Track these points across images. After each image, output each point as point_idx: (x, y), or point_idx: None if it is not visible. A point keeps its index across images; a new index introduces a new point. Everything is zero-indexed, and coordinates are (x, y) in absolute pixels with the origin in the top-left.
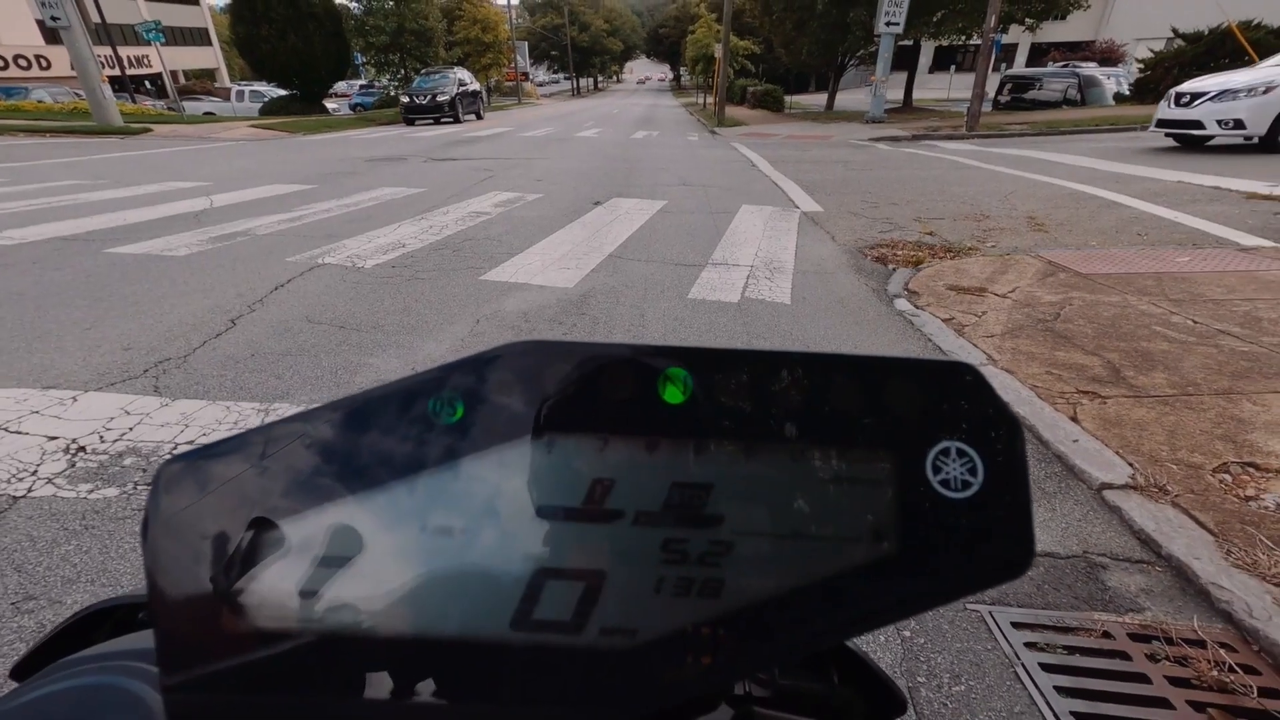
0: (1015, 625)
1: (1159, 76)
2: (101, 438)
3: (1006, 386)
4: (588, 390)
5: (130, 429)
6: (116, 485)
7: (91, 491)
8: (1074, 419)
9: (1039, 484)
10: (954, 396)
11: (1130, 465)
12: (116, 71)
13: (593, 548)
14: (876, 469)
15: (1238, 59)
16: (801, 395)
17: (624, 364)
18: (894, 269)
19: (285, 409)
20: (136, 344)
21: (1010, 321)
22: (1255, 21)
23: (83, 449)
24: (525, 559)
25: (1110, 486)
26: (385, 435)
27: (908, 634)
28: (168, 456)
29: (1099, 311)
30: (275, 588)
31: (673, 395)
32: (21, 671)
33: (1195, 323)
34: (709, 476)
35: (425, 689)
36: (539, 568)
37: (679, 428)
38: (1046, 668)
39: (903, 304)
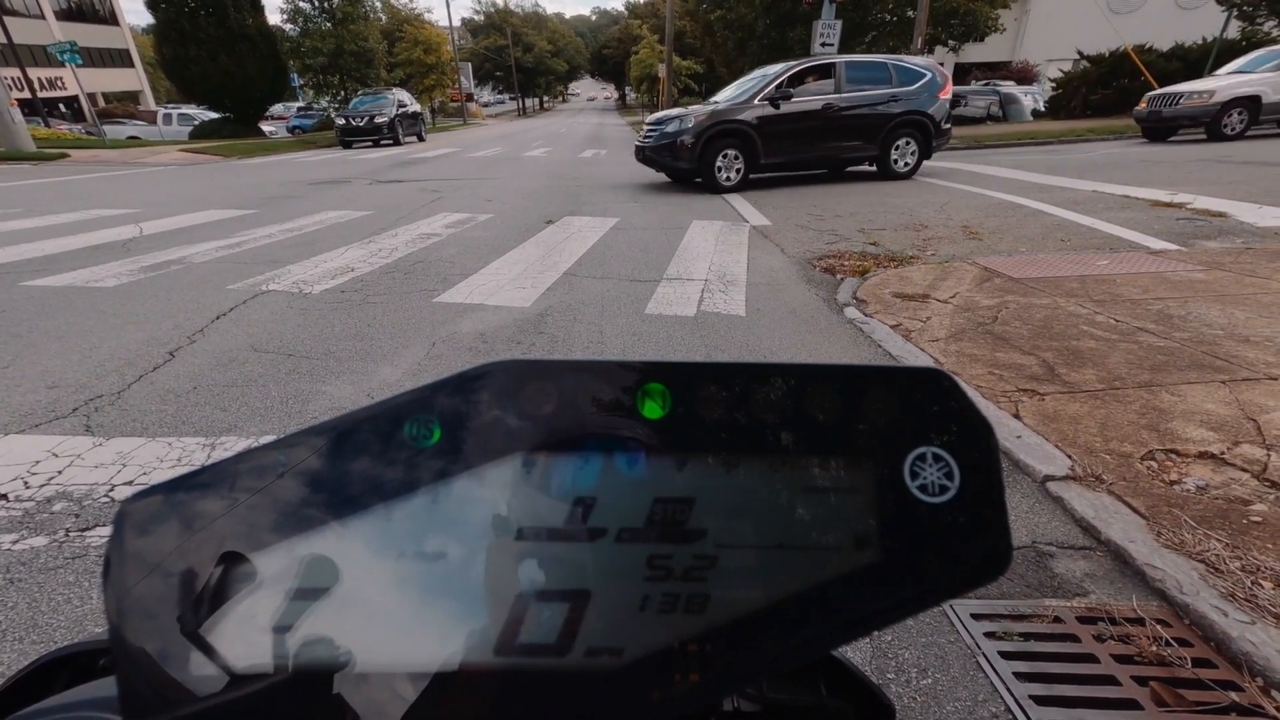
0: (975, 616)
1: (1069, 94)
2: (26, 483)
3: None
4: (566, 408)
5: (59, 472)
6: (45, 533)
7: (16, 542)
8: (1016, 416)
9: None
10: (928, 403)
11: (1069, 457)
12: (27, 94)
13: (576, 567)
14: (856, 477)
15: (1135, 79)
16: (779, 406)
17: (601, 381)
18: (842, 279)
19: (233, 442)
20: (63, 381)
21: (953, 325)
22: (1148, 45)
23: (4, 496)
24: (508, 582)
25: (1052, 478)
26: (360, 462)
27: (875, 632)
28: (131, 493)
29: (1032, 314)
30: (247, 625)
31: (651, 410)
32: None
33: (1117, 321)
34: (690, 491)
35: None
36: (522, 590)
37: (659, 443)
38: (1005, 655)
39: (852, 312)
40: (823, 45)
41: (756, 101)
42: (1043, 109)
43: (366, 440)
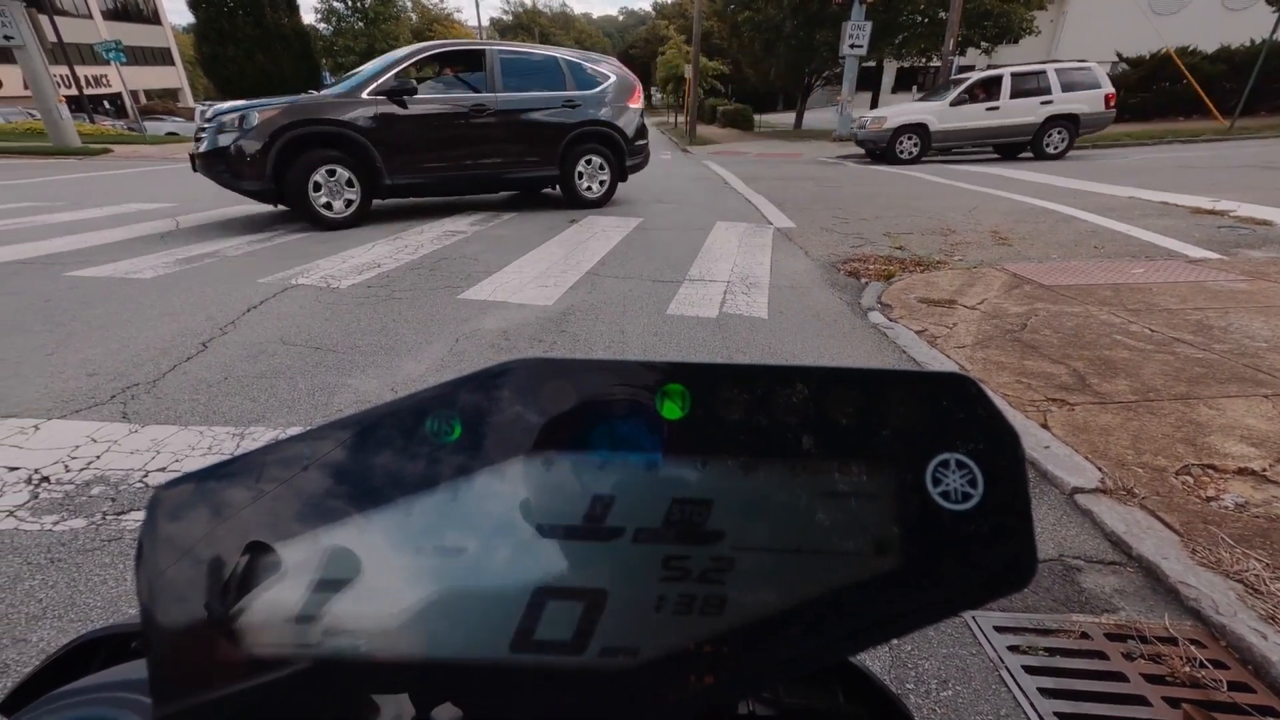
0: (998, 629)
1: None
2: (66, 467)
3: None
4: (586, 407)
5: (97, 457)
6: (84, 516)
7: (57, 523)
8: (1044, 426)
9: None
10: (953, 408)
11: (1099, 470)
12: (74, 91)
13: (593, 566)
14: (877, 482)
15: (1176, 81)
16: (800, 409)
17: (622, 381)
18: (866, 283)
19: (261, 432)
20: (102, 369)
21: (980, 332)
22: (1191, 48)
23: (46, 479)
24: (525, 579)
25: (1081, 490)
26: (383, 456)
27: (895, 641)
28: (164, 481)
29: (1063, 322)
30: (272, 613)
31: (671, 411)
32: (10, 706)
33: (1152, 331)
34: (709, 492)
35: (425, 713)
36: (539, 587)
37: (678, 443)
38: (1030, 670)
39: (876, 317)
40: (852, 47)
41: (367, 95)
42: None
43: (389, 435)
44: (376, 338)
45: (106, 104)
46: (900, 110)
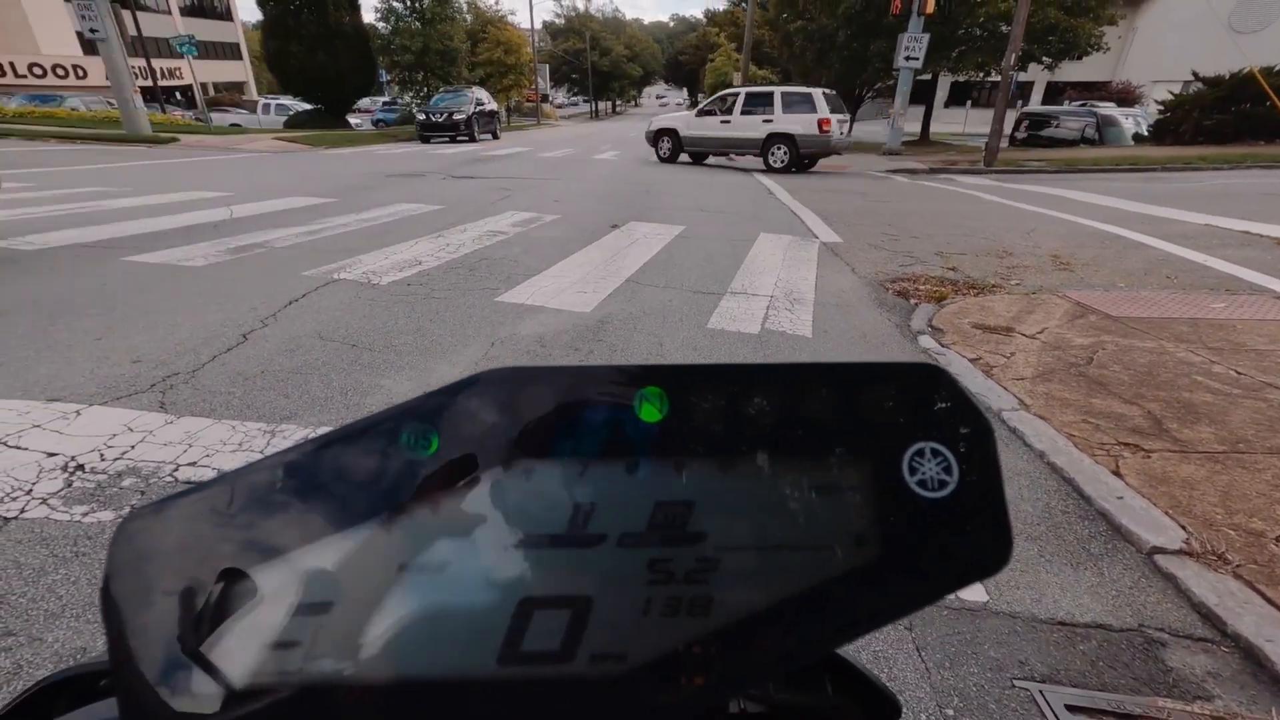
0: (1070, 709)
1: (1179, 119)
2: (102, 455)
3: (1041, 434)
4: (564, 415)
5: (132, 447)
6: (113, 508)
7: (86, 514)
8: (1116, 473)
9: (1083, 543)
10: (925, 398)
11: (1183, 528)
12: (149, 83)
13: (578, 573)
14: (855, 474)
15: (1259, 103)
16: (776, 407)
17: (599, 386)
18: (916, 304)
19: (292, 430)
20: (146, 356)
21: (1040, 364)
22: (1277, 68)
23: (81, 467)
24: (510, 590)
25: (1162, 551)
26: (359, 473)
27: (950, 712)
28: (129, 510)
29: (1134, 357)
30: (249, 642)
31: (649, 414)
32: None
33: (1239, 374)
34: (690, 493)
35: None
36: (524, 598)
37: (658, 446)
38: None
39: (927, 341)
40: (907, 59)
41: None
42: (1145, 133)
43: (365, 451)
44: (412, 337)
45: (178, 95)
46: (663, 117)
